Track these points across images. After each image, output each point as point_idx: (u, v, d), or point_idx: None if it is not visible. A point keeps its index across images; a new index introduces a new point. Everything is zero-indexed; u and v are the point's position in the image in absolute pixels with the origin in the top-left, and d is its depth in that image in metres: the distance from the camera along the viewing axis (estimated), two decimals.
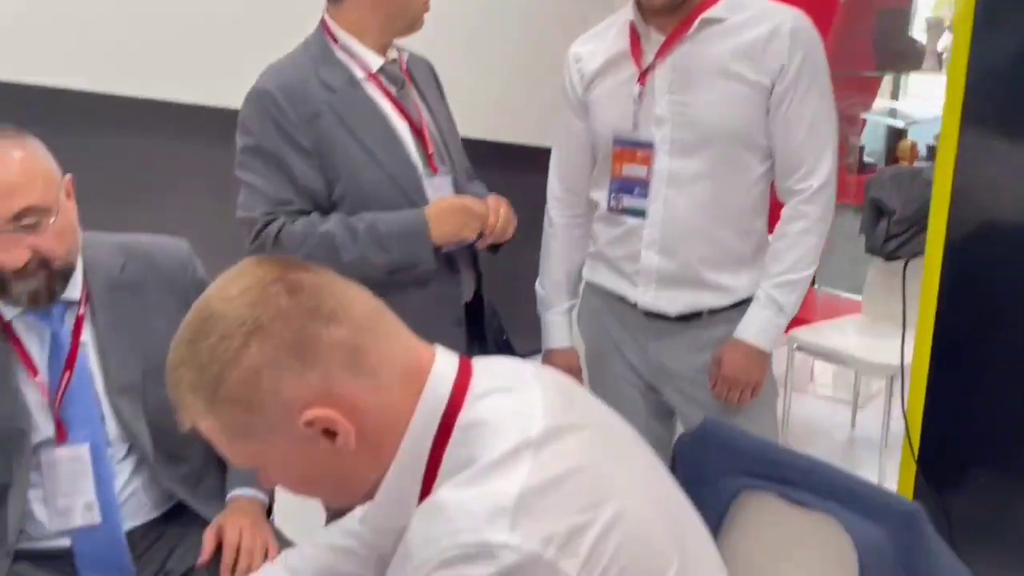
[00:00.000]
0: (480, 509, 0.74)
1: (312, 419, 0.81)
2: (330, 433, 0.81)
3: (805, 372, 3.51)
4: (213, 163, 2.02)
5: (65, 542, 1.48)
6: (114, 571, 1.49)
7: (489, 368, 0.88)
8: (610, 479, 0.82)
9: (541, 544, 0.73)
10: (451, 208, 1.69)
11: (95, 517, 1.47)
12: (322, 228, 1.65)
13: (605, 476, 0.82)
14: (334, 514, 1.15)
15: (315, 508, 1.60)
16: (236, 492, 1.55)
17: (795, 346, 3.01)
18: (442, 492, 0.78)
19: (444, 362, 0.87)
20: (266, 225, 1.65)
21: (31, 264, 1.36)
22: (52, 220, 1.37)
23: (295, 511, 1.49)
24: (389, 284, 1.51)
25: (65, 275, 1.43)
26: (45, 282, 1.39)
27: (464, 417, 0.83)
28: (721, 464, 1.16)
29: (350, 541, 1.18)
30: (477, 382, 0.85)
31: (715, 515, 1.10)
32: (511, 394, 0.85)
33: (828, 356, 3.01)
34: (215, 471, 1.64)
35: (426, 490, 0.83)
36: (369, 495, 0.89)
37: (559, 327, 1.96)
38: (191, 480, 1.59)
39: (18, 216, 1.33)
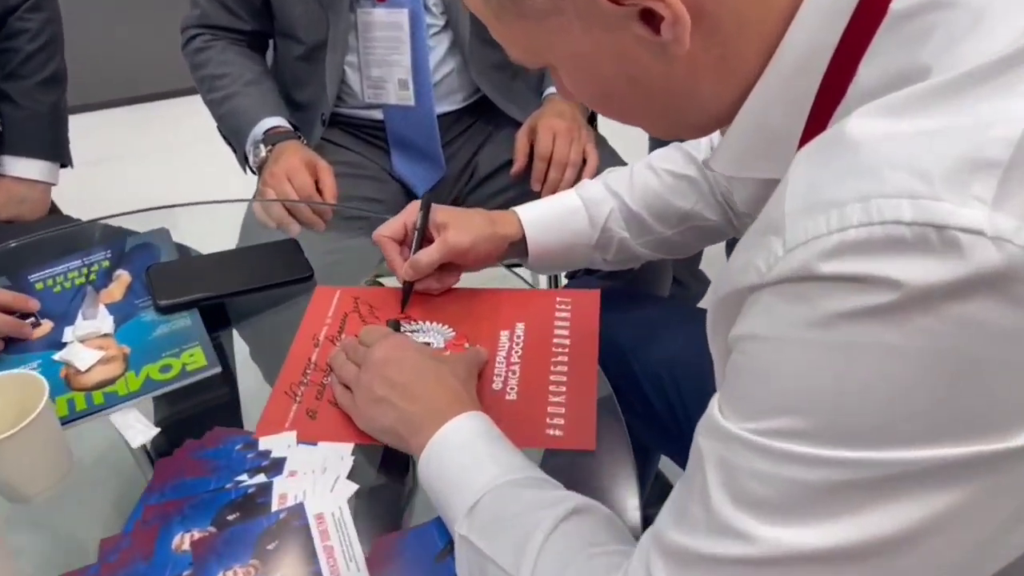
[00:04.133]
0: (934, 158, 0.40)
1: None
2: (650, 18, 0.51)
3: None
4: None
5: (377, 115, 1.39)
6: (424, 157, 1.39)
7: None
8: None
9: None
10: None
11: (409, 98, 1.35)
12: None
13: None
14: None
15: None
16: (554, 89, 1.33)
17: None
18: (855, 122, 0.44)
19: None
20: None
21: None
22: None
23: None
24: None
25: None
26: None
27: None
28: None
29: (691, 169, 0.93)
30: None
31: None
32: None
33: None
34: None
35: (818, 121, 0.53)
36: (707, 127, 0.60)
37: None
38: (504, 71, 1.39)
39: None
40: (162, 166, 2.79)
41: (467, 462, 0.67)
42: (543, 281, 1.52)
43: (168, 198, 1.24)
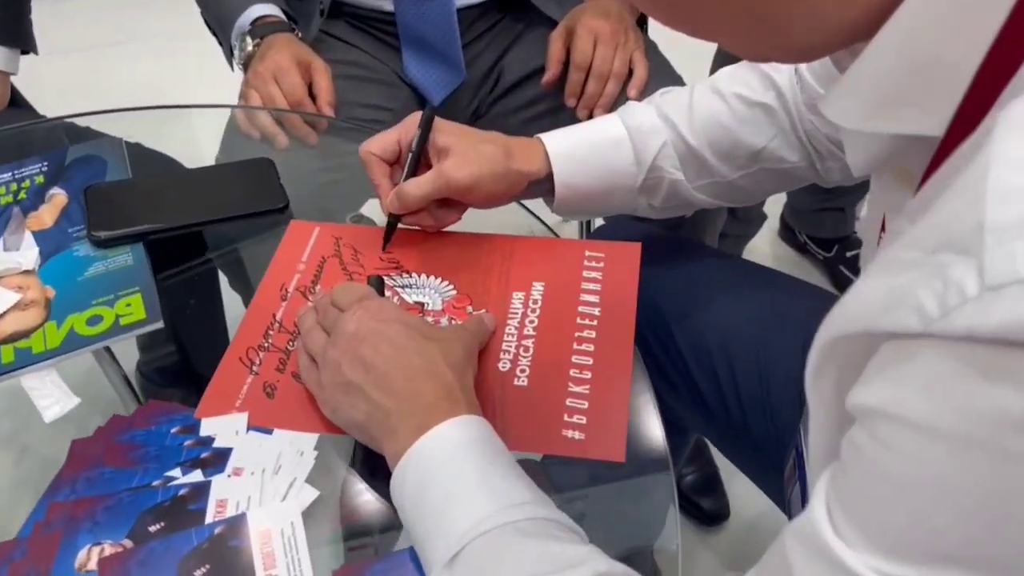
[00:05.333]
0: None
1: None
2: None
3: None
4: None
5: (387, 5, 1.18)
6: (441, 58, 1.19)
7: None
8: None
9: None
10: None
11: None
12: None
13: None
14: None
15: None
16: None
17: None
18: None
19: None
20: None
21: None
22: None
23: None
24: None
25: None
26: None
27: None
28: None
29: (769, 96, 0.72)
30: None
31: None
32: None
33: None
34: None
35: (1010, 48, 0.33)
36: (817, 48, 0.40)
37: None
38: None
39: None
40: (162, 57, 2.54)
41: (452, 489, 0.51)
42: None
43: (165, 95, 1.05)
